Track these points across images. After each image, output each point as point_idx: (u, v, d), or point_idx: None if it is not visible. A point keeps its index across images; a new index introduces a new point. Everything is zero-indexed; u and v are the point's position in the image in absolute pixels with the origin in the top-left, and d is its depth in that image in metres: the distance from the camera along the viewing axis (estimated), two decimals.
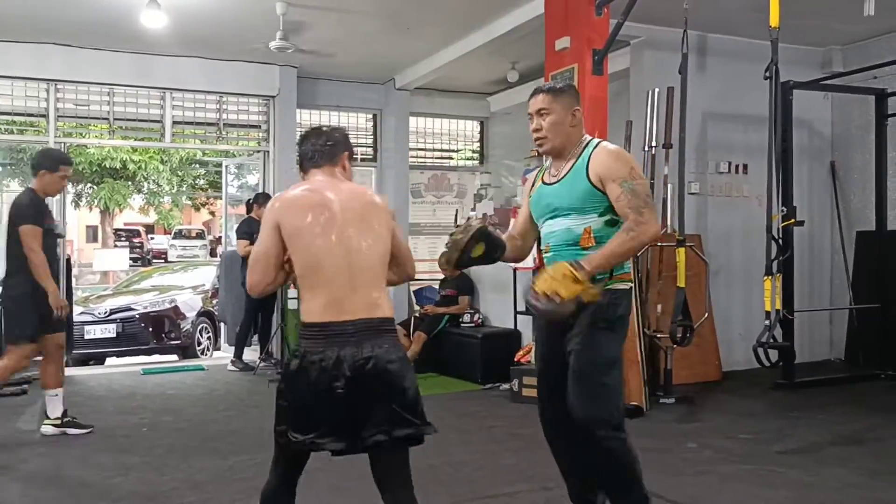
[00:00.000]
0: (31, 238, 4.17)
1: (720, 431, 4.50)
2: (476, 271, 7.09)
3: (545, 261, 2.65)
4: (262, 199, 7.16)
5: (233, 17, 5.99)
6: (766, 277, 4.14)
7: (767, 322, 4.17)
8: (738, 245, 6.37)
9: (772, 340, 4.24)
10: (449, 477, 3.64)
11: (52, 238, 4.42)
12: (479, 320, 6.74)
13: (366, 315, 2.14)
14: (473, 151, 9.34)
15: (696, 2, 4.80)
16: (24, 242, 4.16)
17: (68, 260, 7.04)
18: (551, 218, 2.62)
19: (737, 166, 6.55)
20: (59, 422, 4.50)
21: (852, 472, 3.66)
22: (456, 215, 8.15)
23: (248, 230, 6.99)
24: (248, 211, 7.21)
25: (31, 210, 4.24)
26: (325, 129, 2.48)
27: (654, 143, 5.63)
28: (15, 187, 13.23)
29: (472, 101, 8.90)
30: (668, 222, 5.48)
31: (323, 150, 2.37)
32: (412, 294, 8.11)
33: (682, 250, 5.10)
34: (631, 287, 2.60)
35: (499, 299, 6.61)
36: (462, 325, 6.70)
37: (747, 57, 5.85)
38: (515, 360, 5.81)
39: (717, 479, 3.60)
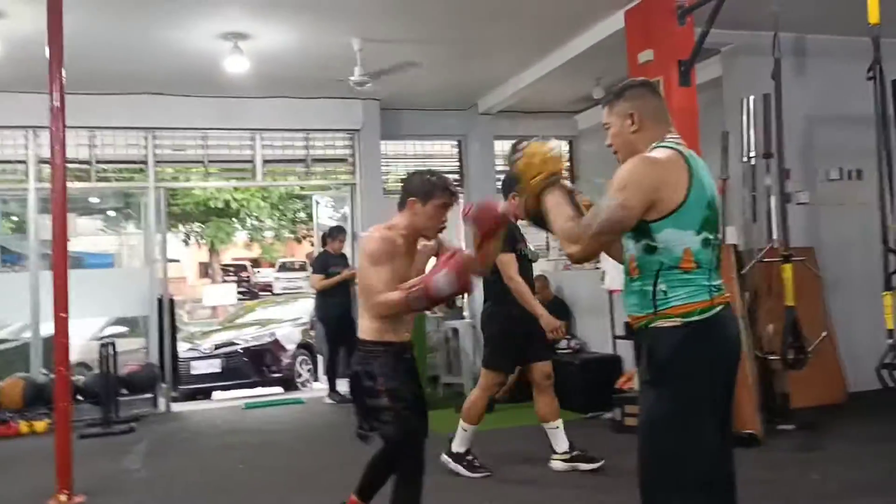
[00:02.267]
0: (507, 266, 4.09)
1: (846, 461, 4.10)
2: (571, 295, 6.89)
3: None
4: (336, 232, 7.29)
5: (312, 56, 6.14)
6: (885, 293, 3.74)
7: (891, 341, 3.76)
8: (858, 256, 5.85)
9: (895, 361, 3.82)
10: None
11: (526, 262, 4.31)
12: (577, 346, 6.51)
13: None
14: (565, 171, 9.14)
15: (788, 2, 4.47)
16: (502, 271, 4.07)
17: (171, 301, 7.36)
18: None
19: (849, 172, 6.05)
20: (567, 456, 4.26)
21: None
22: (547, 238, 7.97)
23: (322, 264, 7.10)
24: (324, 244, 7.31)
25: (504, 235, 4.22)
26: (415, 174, 2.96)
27: (752, 153, 5.28)
28: (132, 229, 14.15)
29: (559, 120, 8.72)
30: (774, 235, 5.10)
31: (400, 195, 2.86)
32: None
33: (788, 266, 4.72)
34: (682, 323, 2.06)
35: (595, 323, 6.37)
36: (559, 351, 6.49)
37: (851, 54, 5.39)
38: (617, 387, 5.56)
39: None
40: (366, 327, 2.75)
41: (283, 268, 26.95)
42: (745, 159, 5.31)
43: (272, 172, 7.83)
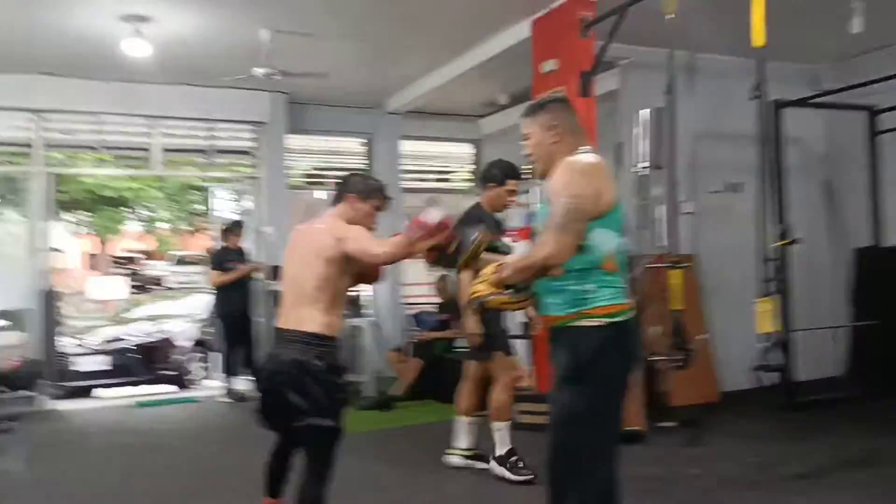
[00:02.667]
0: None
1: (724, 456, 4.41)
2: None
3: None
4: (234, 227, 7.11)
5: (218, 45, 5.98)
6: (759, 300, 4.06)
7: (763, 345, 4.09)
8: (735, 264, 6.28)
9: (768, 363, 4.16)
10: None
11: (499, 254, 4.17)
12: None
13: (293, 326, 2.76)
14: (469, 174, 9.30)
15: (682, 22, 4.77)
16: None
17: (54, 293, 6.96)
18: None
19: (730, 185, 6.49)
20: (469, 453, 4.23)
21: (860, 498, 3.56)
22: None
23: (219, 259, 6.92)
24: (224, 239, 7.13)
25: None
26: (351, 174, 3.16)
27: (644, 164, 5.57)
28: (15, 218, 13.16)
29: (465, 123, 8.88)
30: (663, 243, 5.41)
31: (336, 190, 3.01)
32: (411, 319, 8.02)
33: (677, 272, 5.02)
34: (606, 323, 2.17)
35: None
36: (455, 350, 6.60)
37: (736, 75, 5.80)
38: None
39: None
40: (320, 322, 2.74)
41: (181, 262, 25.91)
42: (634, 170, 5.60)
43: (171, 162, 7.54)
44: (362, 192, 2.95)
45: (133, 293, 19.34)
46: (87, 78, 6.66)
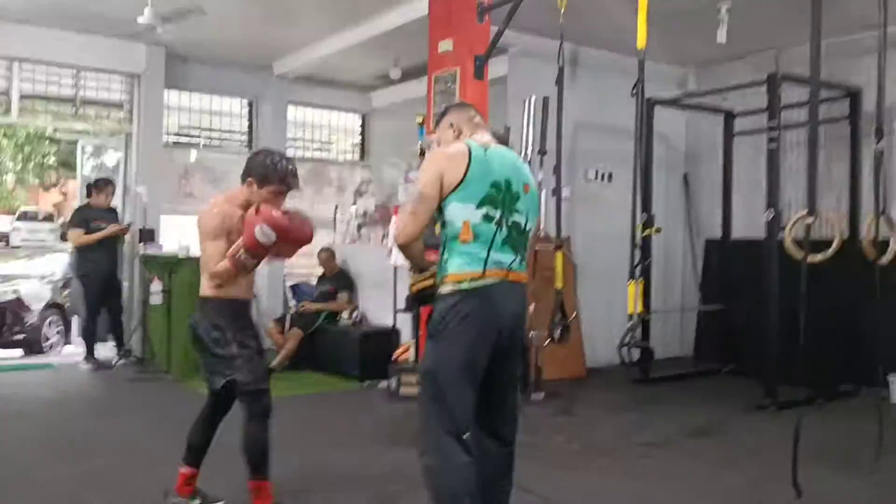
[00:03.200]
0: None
1: (586, 425, 4.76)
2: (356, 268, 7.04)
3: None
4: (102, 184, 6.68)
5: None
6: (629, 282, 4.39)
7: (630, 323, 4.44)
8: (602, 249, 6.69)
9: (633, 340, 4.52)
10: (322, 477, 3.58)
11: None
12: (358, 317, 6.68)
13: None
14: (354, 145, 9.23)
15: (571, 15, 5.00)
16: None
17: None
18: None
19: (603, 175, 6.92)
20: None
21: (701, 462, 3.99)
22: (335, 210, 8.02)
23: (83, 217, 6.50)
24: (88, 196, 6.69)
25: None
26: (259, 151, 3.09)
27: (530, 150, 5.81)
28: None
29: (354, 94, 8.79)
30: (542, 226, 5.68)
31: (243, 169, 2.99)
32: (288, 290, 7.90)
33: (559, 253, 5.31)
34: (457, 290, 2.42)
35: (378, 296, 6.58)
36: (340, 322, 6.62)
37: (615, 70, 6.16)
38: (393, 358, 5.83)
39: (584, 472, 3.81)
40: (209, 286, 2.95)
41: (25, 217, 23.75)
42: (522, 155, 5.82)
43: (31, 110, 6.92)
44: (258, 176, 2.92)
45: None
46: None
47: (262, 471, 2.93)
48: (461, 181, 2.43)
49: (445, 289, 2.45)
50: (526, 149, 5.80)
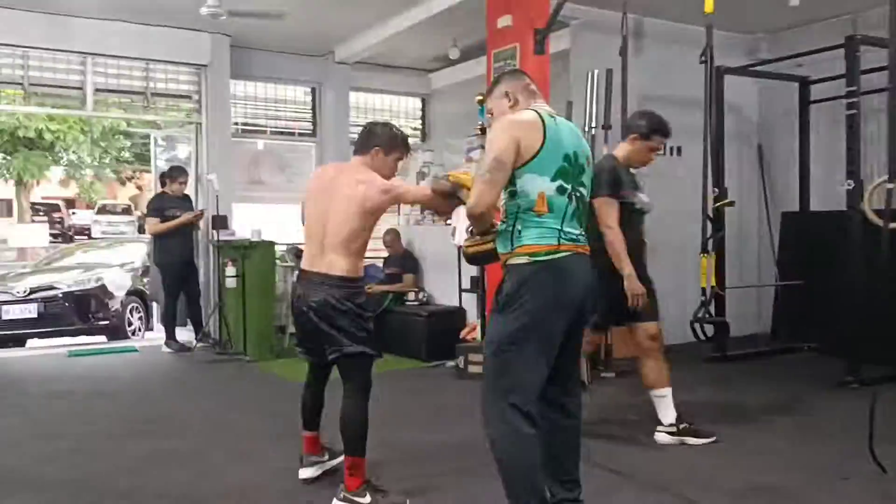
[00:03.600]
0: (605, 211, 3.60)
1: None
2: (420, 249, 7.08)
3: None
4: (176, 173, 6.89)
5: None
6: (702, 255, 4.27)
7: (703, 298, 4.32)
8: (672, 225, 6.51)
9: (707, 316, 4.39)
10: (397, 452, 3.63)
11: (633, 214, 3.81)
12: (424, 298, 6.73)
13: (324, 270, 2.96)
14: (415, 129, 9.26)
15: None
16: (598, 217, 3.60)
17: None
18: None
19: (671, 148, 6.70)
20: (673, 429, 3.79)
21: (781, 439, 3.85)
22: None
23: (158, 206, 6.73)
24: (163, 185, 6.93)
25: (609, 178, 3.66)
26: (377, 123, 3.19)
27: (594, 124, 5.69)
28: None
29: (414, 77, 8.81)
30: None
31: (360, 140, 3.11)
32: None
33: None
34: (533, 262, 2.38)
35: (443, 276, 6.61)
36: (406, 303, 6.68)
37: (681, 41, 5.98)
38: (461, 337, 5.85)
39: (656, 449, 3.72)
40: (348, 266, 2.96)
41: (104, 210, 24.90)
42: (586, 129, 5.71)
43: (104, 103, 7.20)
44: (386, 144, 3.06)
45: (55, 242, 18.52)
46: (12, 7, 6.24)
47: (360, 447, 2.95)
48: (538, 152, 2.39)
49: (520, 260, 2.41)
50: (590, 124, 5.69)
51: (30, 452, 3.76)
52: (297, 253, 7.46)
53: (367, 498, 2.91)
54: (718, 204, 5.12)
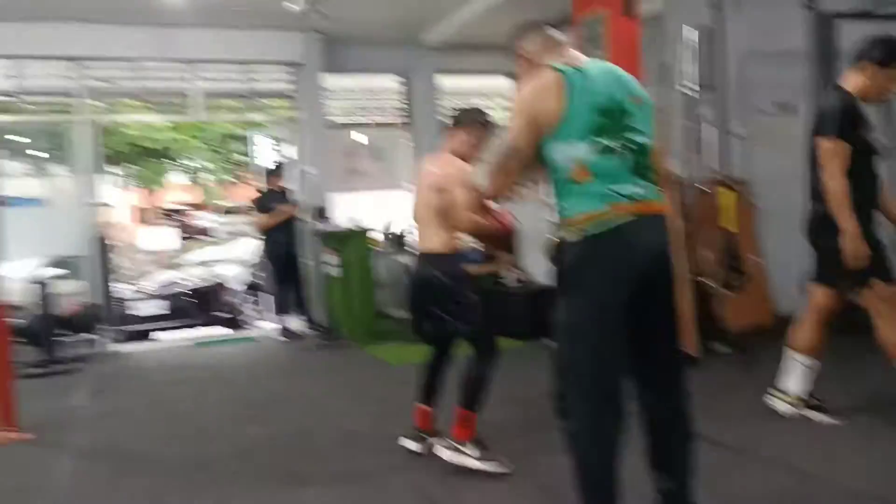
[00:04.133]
0: (830, 157, 3.20)
1: (775, 378, 4.34)
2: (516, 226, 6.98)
3: None
4: (276, 170, 7.19)
5: None
6: None
7: None
8: (789, 188, 6.06)
9: None
10: (495, 434, 3.60)
11: (867, 156, 3.29)
12: (522, 277, 6.63)
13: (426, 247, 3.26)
14: (507, 109, 9.14)
15: None
16: (823, 164, 3.23)
17: (107, 239, 7.15)
18: None
19: (783, 106, 6.24)
20: (796, 400, 3.52)
21: None
22: None
23: (264, 203, 7.00)
24: (268, 182, 7.20)
25: (835, 117, 3.24)
26: (460, 109, 3.48)
27: (692, 85, 5.38)
28: (60, 171, 13.38)
29: (504, 56, 8.62)
30: (716, 166, 5.26)
31: (448, 125, 3.37)
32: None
33: (730, 194, 4.91)
34: (582, 235, 2.12)
35: (539, 254, 6.48)
36: (505, 282, 6.62)
37: None
38: None
39: (771, 426, 3.48)
40: (444, 241, 3.18)
41: (228, 212, 26.32)
42: (684, 91, 5.41)
43: (212, 107, 7.57)
44: (456, 123, 3.29)
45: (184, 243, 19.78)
46: (123, 23, 6.67)
47: (473, 402, 3.08)
48: (562, 118, 2.11)
49: (571, 236, 2.15)
50: (687, 85, 5.39)
51: (150, 434, 4.03)
52: (396, 239, 7.58)
53: (471, 450, 3.04)
54: None
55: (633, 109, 2.19)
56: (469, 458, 3.04)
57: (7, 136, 7.52)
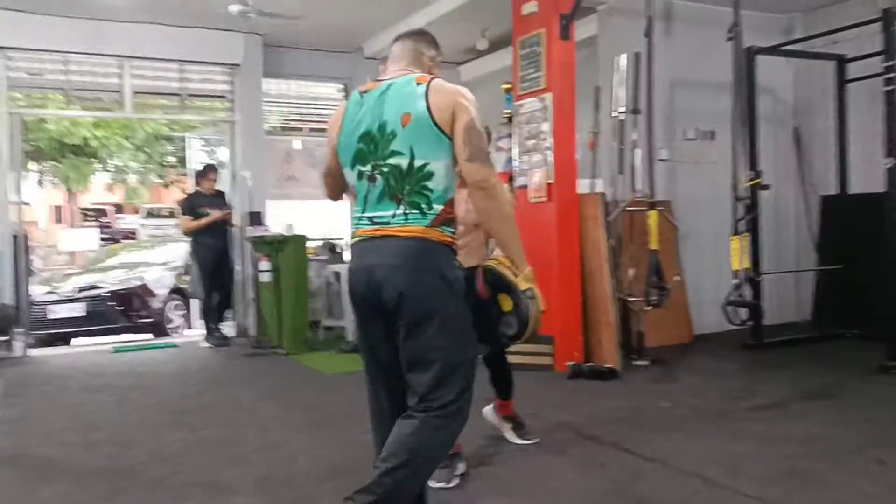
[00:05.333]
0: None
1: (692, 391, 4.57)
2: None
3: None
4: (207, 170, 7.05)
5: None
6: (732, 237, 4.18)
7: (735, 281, 4.23)
8: (708, 211, 6.41)
9: (740, 298, 4.30)
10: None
11: None
12: None
13: None
14: None
15: None
16: None
17: (25, 237, 6.85)
18: None
19: (704, 132, 6.58)
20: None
21: (816, 425, 3.75)
22: None
23: (190, 205, 6.88)
24: (197, 185, 7.07)
25: None
26: None
27: (622, 109, 5.62)
28: None
29: (443, 70, 8.66)
30: (638, 186, 5.49)
31: None
32: None
33: (653, 213, 5.14)
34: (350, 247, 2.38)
35: None
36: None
37: (713, 23, 5.82)
38: None
39: (688, 435, 3.66)
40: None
41: (150, 215, 25.50)
42: (614, 114, 5.64)
43: (143, 105, 7.38)
44: None
45: (104, 246, 19.02)
46: (51, 14, 6.44)
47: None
48: (336, 144, 2.27)
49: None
50: (617, 109, 5.62)
51: (68, 442, 3.88)
52: (330, 247, 7.56)
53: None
54: (750, 183, 5.00)
55: (397, 130, 2.13)
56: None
57: None
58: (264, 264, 6.56)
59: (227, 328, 7.15)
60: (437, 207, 2.13)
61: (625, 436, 3.55)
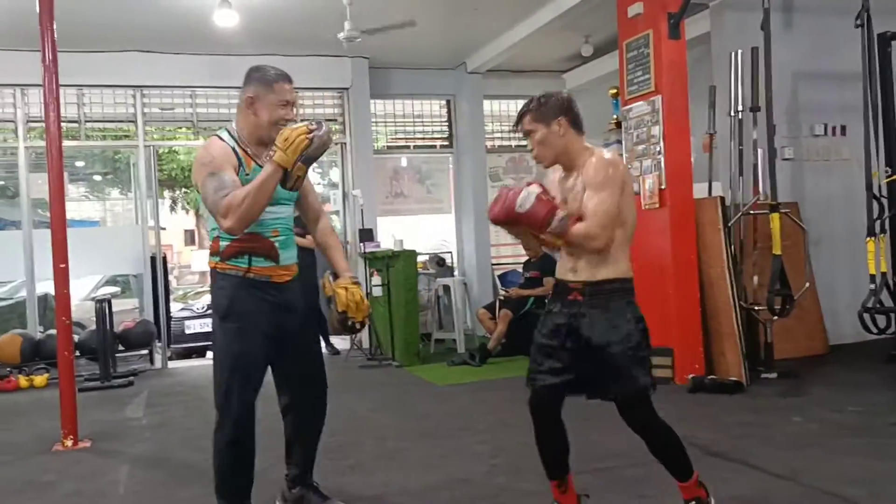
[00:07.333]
0: None
1: (827, 405, 4.24)
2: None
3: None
4: None
5: (301, 10, 6.13)
6: (868, 239, 3.86)
7: (873, 286, 3.89)
8: (841, 211, 5.98)
9: (879, 305, 3.95)
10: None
11: None
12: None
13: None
14: None
15: None
16: None
17: (164, 258, 7.38)
18: None
19: (833, 128, 6.16)
20: None
21: None
22: None
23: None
24: None
25: None
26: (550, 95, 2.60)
27: (740, 108, 5.35)
28: (116, 196, 13.99)
29: (547, 79, 8.72)
30: (760, 188, 5.20)
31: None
32: (496, 278, 8.08)
33: (776, 216, 4.84)
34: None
35: None
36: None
37: (837, 10, 5.47)
38: None
39: (822, 451, 3.40)
40: (623, 267, 2.46)
41: None
42: (732, 113, 5.38)
43: None
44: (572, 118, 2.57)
45: None
46: (181, 52, 6.95)
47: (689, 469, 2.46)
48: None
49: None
50: (735, 108, 5.36)
51: (205, 448, 4.09)
52: (439, 261, 7.65)
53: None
54: (888, 179, 4.60)
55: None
56: None
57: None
58: (376, 279, 6.73)
59: (341, 341, 7.36)
60: None
61: (753, 452, 3.34)
